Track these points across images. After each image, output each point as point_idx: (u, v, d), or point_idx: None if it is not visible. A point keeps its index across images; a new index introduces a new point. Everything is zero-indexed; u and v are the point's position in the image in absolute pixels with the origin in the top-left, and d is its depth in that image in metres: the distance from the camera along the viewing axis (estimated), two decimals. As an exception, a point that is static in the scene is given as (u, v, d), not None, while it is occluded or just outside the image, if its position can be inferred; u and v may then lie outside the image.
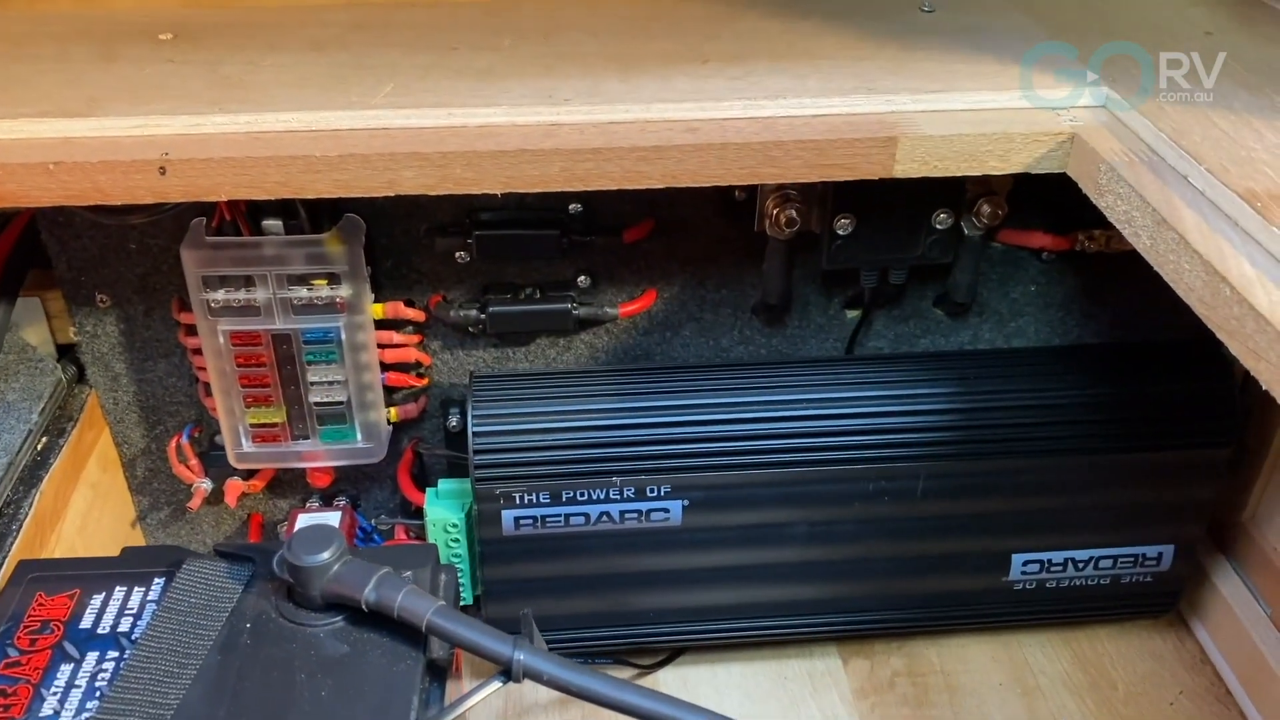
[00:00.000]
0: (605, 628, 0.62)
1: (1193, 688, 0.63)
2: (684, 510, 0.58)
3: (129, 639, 0.43)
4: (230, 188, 0.46)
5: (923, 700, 0.63)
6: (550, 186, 0.47)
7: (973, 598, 0.63)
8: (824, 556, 0.60)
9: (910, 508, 0.59)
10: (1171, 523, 0.62)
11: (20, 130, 0.47)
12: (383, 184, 0.47)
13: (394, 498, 0.67)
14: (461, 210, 0.58)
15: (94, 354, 0.61)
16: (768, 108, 0.48)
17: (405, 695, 0.40)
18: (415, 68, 0.52)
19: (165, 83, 0.51)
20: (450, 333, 0.62)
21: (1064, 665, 0.65)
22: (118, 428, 0.64)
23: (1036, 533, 0.61)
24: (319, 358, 0.58)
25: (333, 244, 0.55)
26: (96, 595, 0.44)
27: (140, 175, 0.46)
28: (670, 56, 0.54)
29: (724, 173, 0.47)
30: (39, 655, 0.42)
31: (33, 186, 0.46)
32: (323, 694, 0.40)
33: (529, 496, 0.57)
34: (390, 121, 0.48)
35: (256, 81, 0.51)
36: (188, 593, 0.43)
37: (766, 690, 0.64)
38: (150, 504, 0.67)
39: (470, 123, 0.48)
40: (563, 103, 0.49)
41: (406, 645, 0.42)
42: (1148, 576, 0.63)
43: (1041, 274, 0.63)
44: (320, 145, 0.46)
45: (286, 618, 0.43)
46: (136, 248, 0.58)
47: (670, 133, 0.47)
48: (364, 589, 0.41)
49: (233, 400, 0.59)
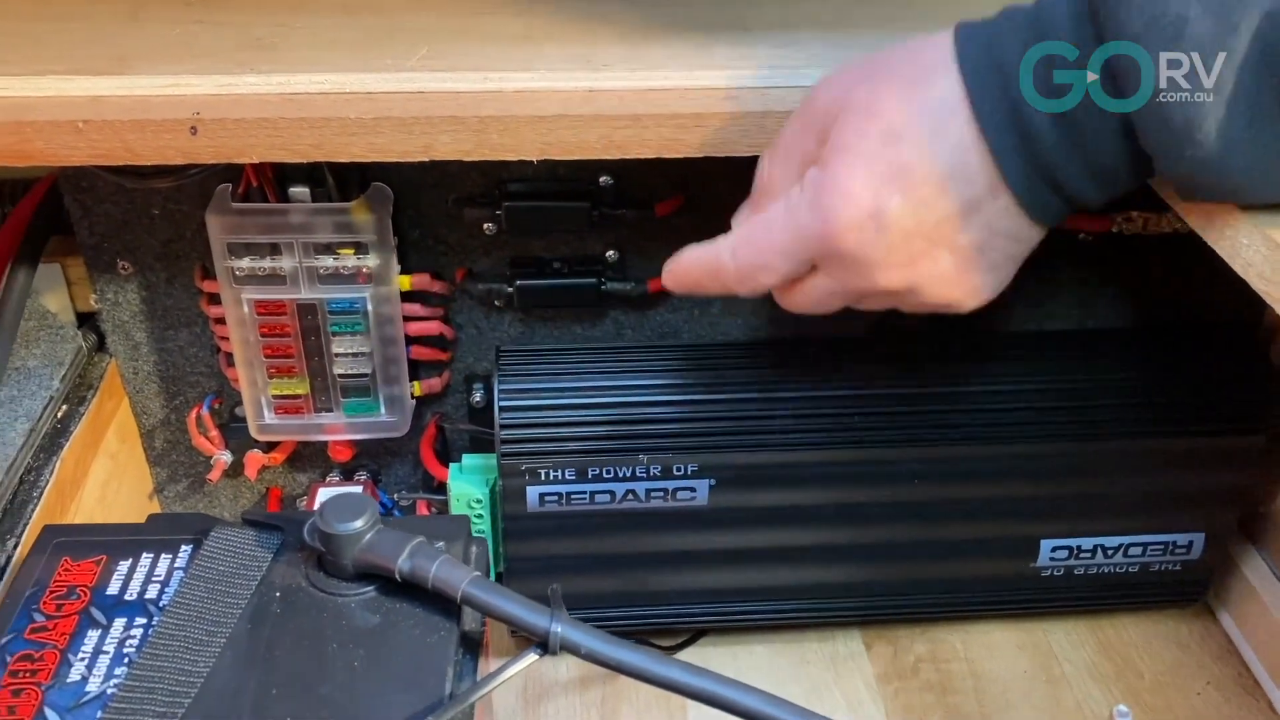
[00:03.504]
0: (627, 607, 0.61)
1: (1220, 677, 0.63)
2: (711, 490, 0.57)
3: (157, 606, 0.42)
4: (263, 149, 0.46)
5: (947, 686, 0.63)
6: (587, 154, 0.47)
7: (999, 583, 0.62)
8: (851, 539, 0.60)
9: (941, 491, 0.58)
10: (1203, 510, 0.61)
11: (48, 87, 0.47)
12: (418, 148, 0.46)
13: (415, 473, 0.66)
14: (491, 181, 0.57)
15: (114, 322, 0.60)
16: (811, 76, 0.47)
17: (440, 666, 0.39)
18: (449, 31, 0.51)
19: (195, 43, 0.50)
20: (475, 306, 0.61)
21: (1089, 653, 0.64)
22: (137, 397, 0.63)
23: (1067, 518, 0.60)
24: (344, 329, 0.57)
25: (360, 212, 0.54)
26: (123, 561, 0.43)
27: (171, 135, 0.45)
28: (710, 24, 0.53)
29: (765, 142, 0.46)
30: (66, 621, 0.41)
31: (61, 145, 0.45)
32: (355, 664, 0.39)
33: (554, 473, 0.56)
34: (426, 85, 0.47)
35: (287, 43, 0.50)
36: (216, 560, 0.43)
37: (789, 674, 0.63)
38: (168, 476, 0.66)
39: (507, 87, 0.47)
40: (602, 68, 0.48)
41: (440, 616, 0.41)
42: (1177, 565, 0.63)
43: (1077, 255, 0.62)
44: (355, 107, 0.46)
45: (317, 587, 0.42)
46: (160, 214, 0.57)
47: (711, 100, 0.46)
48: (398, 558, 0.40)
49: (255, 371, 0.58)
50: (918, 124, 0.37)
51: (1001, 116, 0.37)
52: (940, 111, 0.37)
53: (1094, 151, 0.37)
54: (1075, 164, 0.37)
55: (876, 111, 0.38)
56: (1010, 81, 0.36)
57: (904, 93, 0.38)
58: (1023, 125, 0.37)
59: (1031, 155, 0.37)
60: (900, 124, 0.38)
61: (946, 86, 0.37)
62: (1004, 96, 0.36)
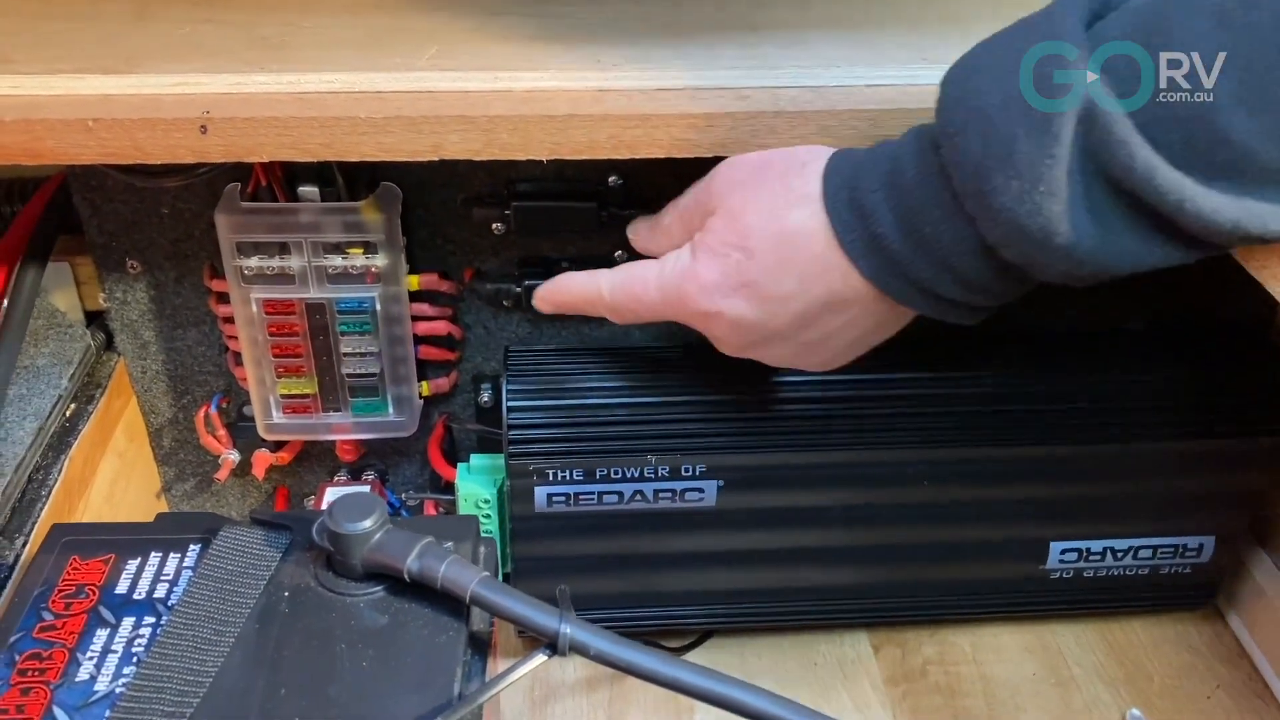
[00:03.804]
0: (634, 608, 0.61)
1: (1230, 681, 0.63)
2: (719, 491, 0.57)
3: (165, 605, 0.42)
4: (273, 148, 0.46)
5: (955, 689, 0.62)
6: (597, 154, 0.46)
7: (1008, 586, 0.62)
8: (859, 541, 0.59)
9: (950, 492, 0.58)
10: (1214, 513, 0.61)
11: (58, 86, 0.47)
12: (427, 148, 0.46)
13: (422, 473, 0.66)
14: (499, 180, 0.57)
15: (123, 321, 0.60)
16: (821, 76, 0.47)
17: (448, 667, 0.39)
18: (458, 31, 0.51)
19: (203, 42, 0.50)
20: (483, 306, 0.61)
21: (1098, 656, 0.64)
22: (145, 396, 0.63)
23: (1076, 520, 0.60)
24: (353, 328, 0.57)
25: (369, 212, 0.54)
26: (131, 560, 0.43)
27: (181, 134, 0.45)
28: (718, 24, 0.53)
29: (776, 143, 0.46)
30: (74, 620, 0.41)
31: (71, 144, 0.45)
32: (364, 664, 0.39)
33: (562, 473, 0.56)
34: (436, 84, 0.47)
35: (295, 42, 0.50)
36: (225, 560, 0.43)
37: (796, 676, 0.63)
38: (175, 475, 0.66)
39: (516, 87, 0.47)
40: (611, 68, 0.48)
41: (448, 616, 0.41)
42: (1187, 568, 0.62)
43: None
44: (365, 107, 0.45)
45: (326, 587, 0.42)
46: (169, 213, 0.57)
47: (722, 100, 0.46)
48: (406, 558, 0.40)
49: (264, 370, 0.58)
50: (772, 249, 0.42)
51: (863, 245, 0.41)
52: (796, 239, 0.42)
53: (960, 269, 0.40)
54: (946, 281, 0.41)
55: (740, 227, 0.43)
56: (869, 217, 0.40)
57: (767, 214, 0.43)
58: (885, 252, 0.41)
59: (902, 274, 0.41)
60: (754, 245, 0.43)
61: (808, 215, 0.42)
62: (864, 229, 0.41)
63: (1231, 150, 0.33)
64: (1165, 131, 0.34)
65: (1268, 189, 0.34)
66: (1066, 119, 0.35)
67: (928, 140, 0.39)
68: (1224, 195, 0.34)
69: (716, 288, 0.44)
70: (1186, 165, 0.34)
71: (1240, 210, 0.34)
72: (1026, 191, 0.36)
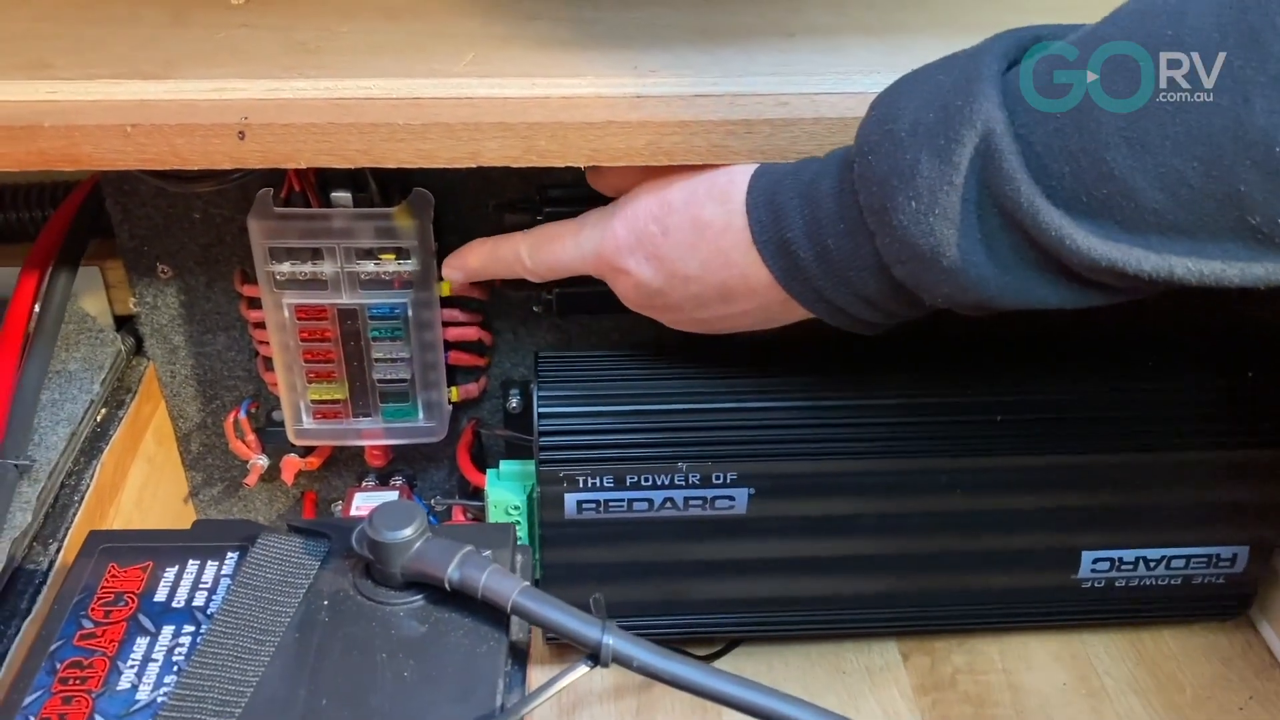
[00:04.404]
0: (663, 616, 0.61)
1: (1263, 692, 0.62)
2: (750, 499, 0.57)
3: (204, 613, 0.42)
4: (310, 155, 0.45)
5: (985, 699, 0.62)
6: (635, 160, 0.46)
7: (1039, 595, 0.62)
8: (890, 550, 0.59)
9: (982, 501, 0.58)
10: (1248, 523, 0.60)
11: (95, 92, 0.46)
12: (465, 155, 0.46)
13: (450, 478, 0.66)
14: (531, 186, 0.57)
15: (153, 325, 0.60)
16: (861, 83, 0.47)
17: (490, 678, 0.39)
18: (494, 37, 0.51)
19: (240, 47, 0.50)
20: (512, 312, 0.61)
21: (1129, 667, 0.64)
22: (174, 401, 0.63)
23: (1109, 530, 0.60)
24: (384, 334, 0.57)
25: (402, 218, 0.54)
26: (170, 568, 0.43)
27: (219, 140, 0.45)
28: (754, 30, 0.52)
29: (814, 149, 0.46)
30: (114, 628, 0.41)
31: (109, 150, 0.45)
32: (405, 674, 0.39)
33: (592, 480, 0.56)
34: (474, 91, 0.47)
35: (333, 48, 0.50)
36: (263, 568, 0.42)
37: (824, 684, 0.63)
38: (203, 480, 0.66)
39: (554, 93, 0.47)
40: (648, 74, 0.48)
41: (489, 626, 0.41)
42: (1220, 578, 0.62)
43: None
44: (403, 113, 0.45)
45: (365, 595, 0.42)
46: (200, 218, 0.57)
47: (760, 106, 0.46)
48: (447, 567, 0.40)
49: (295, 375, 0.58)
50: (685, 232, 0.45)
51: (774, 246, 0.43)
52: (709, 230, 0.45)
53: (855, 283, 0.42)
54: (843, 292, 0.43)
55: (661, 202, 0.46)
56: (782, 221, 0.43)
57: (689, 197, 0.46)
58: (792, 256, 0.43)
59: (805, 279, 0.43)
60: (671, 223, 0.46)
61: (727, 210, 0.44)
62: (776, 231, 0.43)
63: (1114, 185, 0.34)
64: (1059, 163, 0.35)
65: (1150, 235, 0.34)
66: (965, 150, 0.36)
67: (848, 158, 0.41)
68: (1101, 235, 0.34)
69: (630, 250, 0.47)
70: (1071, 200, 0.35)
71: (1116, 252, 0.34)
72: (922, 213, 0.37)
